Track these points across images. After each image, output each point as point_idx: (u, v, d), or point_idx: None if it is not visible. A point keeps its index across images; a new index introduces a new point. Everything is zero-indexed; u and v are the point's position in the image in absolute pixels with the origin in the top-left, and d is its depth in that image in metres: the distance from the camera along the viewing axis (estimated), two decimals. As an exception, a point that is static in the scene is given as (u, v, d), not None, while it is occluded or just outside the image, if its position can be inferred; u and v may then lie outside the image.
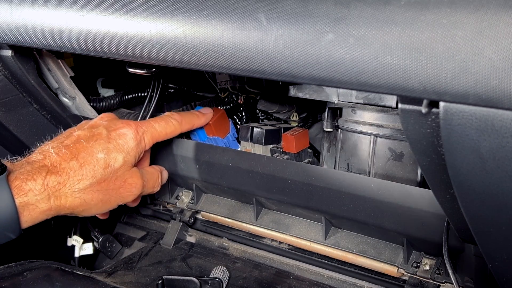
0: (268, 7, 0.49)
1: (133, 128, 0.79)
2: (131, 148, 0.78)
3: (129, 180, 0.78)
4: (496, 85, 0.39)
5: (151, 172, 0.86)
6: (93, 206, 0.75)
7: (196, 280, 0.86)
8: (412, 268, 0.82)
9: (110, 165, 0.75)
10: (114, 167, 0.75)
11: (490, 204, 0.48)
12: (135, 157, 0.79)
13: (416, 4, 0.42)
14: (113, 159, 0.75)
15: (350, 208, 0.80)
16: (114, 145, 0.76)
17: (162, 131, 0.84)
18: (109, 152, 0.75)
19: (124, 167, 0.77)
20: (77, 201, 0.73)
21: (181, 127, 0.86)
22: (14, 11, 0.70)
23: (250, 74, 0.52)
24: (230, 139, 0.98)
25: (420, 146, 0.49)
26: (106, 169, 0.75)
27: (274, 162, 0.85)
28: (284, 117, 1.03)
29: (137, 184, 0.79)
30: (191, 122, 0.89)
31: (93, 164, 0.74)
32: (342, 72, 0.46)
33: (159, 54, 0.58)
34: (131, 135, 0.79)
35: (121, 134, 0.78)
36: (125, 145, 0.77)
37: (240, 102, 1.03)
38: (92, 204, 0.74)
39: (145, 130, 0.81)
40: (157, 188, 0.87)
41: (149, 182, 0.84)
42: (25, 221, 0.68)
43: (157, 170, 0.89)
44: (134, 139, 0.78)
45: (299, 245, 0.93)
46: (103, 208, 0.77)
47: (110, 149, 0.76)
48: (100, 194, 0.75)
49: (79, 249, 1.06)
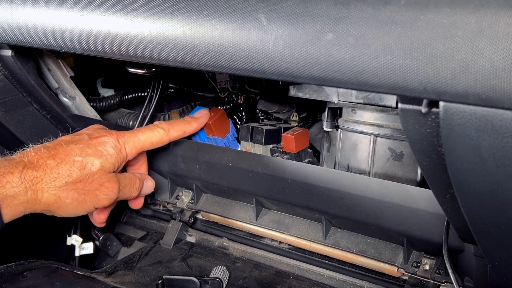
0: (268, 7, 0.49)
1: (114, 137, 0.82)
2: (110, 155, 0.80)
3: (106, 184, 0.79)
4: (496, 85, 0.39)
5: (129, 178, 0.87)
6: (68, 205, 0.76)
7: (196, 280, 0.86)
8: (412, 268, 0.82)
9: (86, 167, 0.77)
10: (91, 170, 0.77)
11: (490, 204, 0.48)
12: (114, 164, 0.81)
13: (416, 4, 0.42)
14: (90, 163, 0.77)
15: (350, 208, 0.80)
16: (93, 151, 0.79)
17: (147, 140, 0.85)
18: (86, 156, 0.78)
19: (101, 172, 0.78)
20: (52, 197, 0.74)
21: (168, 135, 0.87)
22: (14, 11, 0.70)
23: (250, 74, 0.52)
24: (230, 139, 0.98)
25: (420, 146, 0.49)
26: (83, 170, 0.76)
27: (274, 162, 0.85)
28: (284, 117, 1.03)
29: (114, 189, 0.80)
30: (180, 130, 0.90)
31: (69, 165, 0.76)
32: (342, 72, 0.46)
33: (159, 54, 0.58)
34: (111, 143, 0.81)
35: (101, 142, 0.80)
36: (104, 152, 0.79)
37: (240, 102, 1.03)
38: (67, 202, 0.76)
39: (127, 140, 0.83)
40: (134, 194, 0.88)
41: (126, 188, 0.85)
42: (5, 213, 0.70)
43: (136, 177, 0.89)
44: (114, 148, 0.81)
45: (299, 245, 0.93)
46: (79, 209, 0.78)
47: (89, 153, 0.78)
48: (76, 194, 0.76)
49: (79, 248, 1.06)
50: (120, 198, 0.85)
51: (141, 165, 0.92)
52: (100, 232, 1.07)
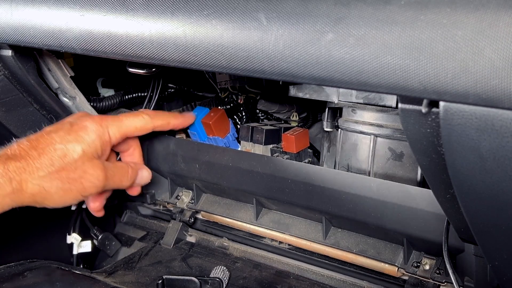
0: (268, 7, 0.49)
1: (96, 122, 0.81)
2: (91, 140, 0.79)
3: (90, 171, 0.78)
4: (496, 85, 0.39)
5: (120, 167, 0.86)
6: (53, 194, 0.76)
7: (196, 280, 0.86)
8: (412, 268, 0.82)
9: (68, 155, 0.76)
10: (73, 157, 0.76)
11: (490, 204, 0.48)
12: (96, 149, 0.79)
13: (416, 4, 0.42)
14: (71, 150, 0.77)
15: (350, 208, 0.80)
16: (73, 137, 0.78)
17: (131, 125, 0.84)
18: (67, 143, 0.77)
19: (84, 158, 0.77)
20: (36, 188, 0.74)
21: (153, 122, 0.87)
22: (14, 11, 0.70)
23: (250, 74, 0.52)
24: (230, 139, 0.98)
25: (420, 146, 0.49)
26: (64, 158, 0.76)
27: (274, 162, 0.85)
28: (284, 117, 1.03)
29: (99, 176, 0.79)
30: (165, 119, 0.89)
31: (51, 153, 0.75)
32: (342, 72, 0.46)
33: (159, 54, 0.58)
34: (92, 127, 0.80)
35: (82, 127, 0.79)
36: (86, 137, 0.78)
37: (240, 102, 1.03)
38: (52, 192, 0.75)
39: (110, 123, 0.82)
40: (126, 183, 0.87)
41: (115, 176, 0.83)
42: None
43: (129, 166, 0.88)
44: (95, 132, 0.79)
45: (299, 245, 0.93)
46: (66, 198, 0.78)
47: (69, 140, 0.77)
48: (60, 183, 0.76)
49: (78, 246, 1.06)
50: (110, 186, 0.83)
51: (133, 151, 0.91)
52: (98, 231, 1.07)
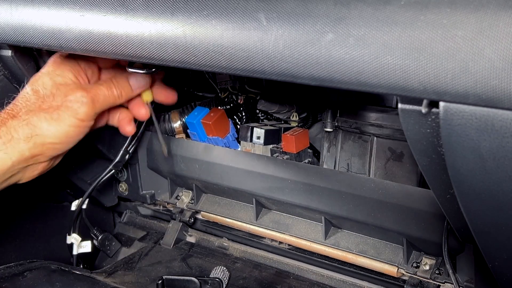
0: (268, 7, 0.49)
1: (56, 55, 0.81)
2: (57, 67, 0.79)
3: (70, 93, 0.77)
4: (496, 85, 0.38)
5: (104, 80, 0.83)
6: (48, 127, 0.76)
7: (196, 280, 0.86)
8: (412, 268, 0.82)
9: (39, 90, 0.77)
10: (45, 89, 0.77)
11: (490, 204, 0.48)
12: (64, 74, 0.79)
13: (416, 4, 0.42)
14: (41, 84, 0.78)
15: (350, 208, 0.80)
16: (39, 75, 0.79)
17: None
18: (35, 82, 0.78)
19: (58, 86, 0.78)
20: (26, 128, 0.75)
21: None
22: (14, 11, 0.70)
23: (250, 74, 0.52)
24: (230, 139, 0.98)
25: (420, 146, 0.49)
26: (37, 93, 0.77)
27: (274, 162, 0.85)
28: (284, 117, 1.03)
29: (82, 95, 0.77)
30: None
31: (23, 97, 0.77)
32: (342, 72, 0.46)
33: (159, 54, 0.58)
34: (52, 60, 0.80)
35: (46, 65, 0.81)
36: (50, 69, 0.79)
37: (240, 102, 1.03)
38: (43, 126, 0.75)
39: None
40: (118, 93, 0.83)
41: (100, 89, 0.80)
42: None
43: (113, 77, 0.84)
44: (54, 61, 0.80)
45: (299, 245, 0.93)
46: (63, 126, 0.77)
47: (36, 78, 0.79)
48: (47, 114, 0.76)
49: (78, 247, 1.06)
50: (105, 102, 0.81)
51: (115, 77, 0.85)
52: (98, 231, 1.07)
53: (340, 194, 0.80)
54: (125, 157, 0.98)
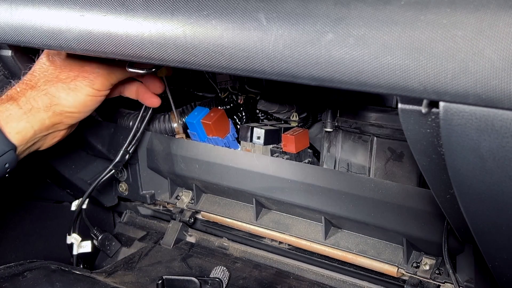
0: (268, 7, 0.49)
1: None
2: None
3: (86, 64, 0.79)
4: (496, 85, 0.38)
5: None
6: (66, 96, 0.78)
7: (196, 280, 0.86)
8: (412, 268, 0.82)
9: (55, 61, 0.79)
10: (61, 61, 0.79)
11: (490, 204, 0.48)
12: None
13: (416, 4, 0.42)
14: (57, 56, 0.80)
15: (350, 208, 0.80)
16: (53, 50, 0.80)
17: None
18: (50, 54, 0.80)
19: (74, 57, 0.79)
20: (45, 98, 0.77)
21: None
22: (14, 11, 0.70)
23: (250, 74, 0.52)
24: (230, 139, 0.98)
25: (420, 146, 0.49)
26: (53, 63, 0.79)
27: (274, 162, 0.85)
28: (284, 117, 1.03)
29: (98, 65, 0.80)
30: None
31: (40, 65, 0.80)
32: (342, 72, 0.46)
33: (159, 54, 0.58)
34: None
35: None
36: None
37: (240, 102, 1.03)
38: (61, 96, 0.78)
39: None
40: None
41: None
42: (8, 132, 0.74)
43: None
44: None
45: (299, 245, 0.93)
46: (80, 96, 0.79)
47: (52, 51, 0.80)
48: (64, 84, 0.78)
49: (78, 247, 1.06)
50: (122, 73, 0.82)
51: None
52: (98, 231, 1.07)
53: (340, 194, 0.80)
54: (125, 157, 0.98)
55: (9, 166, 0.75)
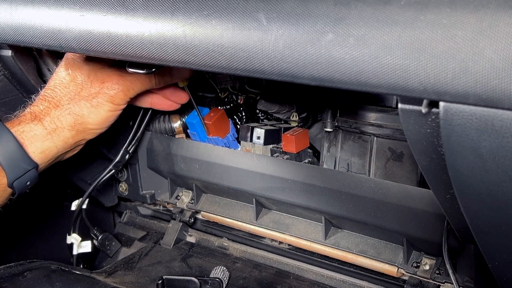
0: (268, 7, 0.49)
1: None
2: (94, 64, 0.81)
3: (107, 79, 0.80)
4: (496, 85, 0.38)
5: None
6: (89, 114, 0.79)
7: (196, 280, 0.86)
8: (412, 268, 0.82)
9: (76, 77, 0.79)
10: (82, 76, 0.79)
11: (490, 204, 0.48)
12: (101, 60, 0.80)
13: (416, 4, 0.42)
14: (78, 71, 0.80)
15: (350, 208, 0.80)
16: (73, 57, 0.81)
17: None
18: (69, 65, 0.80)
19: (95, 72, 0.79)
20: (69, 117, 0.78)
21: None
22: (14, 11, 0.70)
23: (250, 74, 0.52)
24: (230, 139, 0.98)
25: (420, 146, 0.49)
26: (75, 80, 0.79)
27: (274, 162, 0.85)
28: (284, 117, 1.03)
29: (118, 80, 0.80)
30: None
31: (60, 80, 0.79)
32: (342, 72, 0.46)
33: (159, 54, 0.58)
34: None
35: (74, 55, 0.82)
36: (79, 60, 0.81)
37: (240, 102, 1.03)
38: (85, 114, 0.78)
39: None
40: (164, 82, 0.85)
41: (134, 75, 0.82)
42: (32, 151, 0.75)
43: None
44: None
45: (299, 245, 0.94)
46: (102, 112, 0.80)
47: (70, 61, 0.80)
48: (86, 102, 0.79)
49: (78, 247, 1.06)
50: (142, 87, 0.83)
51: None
52: (98, 231, 1.07)
53: (340, 194, 0.80)
54: (125, 157, 0.98)
55: (30, 183, 0.77)
